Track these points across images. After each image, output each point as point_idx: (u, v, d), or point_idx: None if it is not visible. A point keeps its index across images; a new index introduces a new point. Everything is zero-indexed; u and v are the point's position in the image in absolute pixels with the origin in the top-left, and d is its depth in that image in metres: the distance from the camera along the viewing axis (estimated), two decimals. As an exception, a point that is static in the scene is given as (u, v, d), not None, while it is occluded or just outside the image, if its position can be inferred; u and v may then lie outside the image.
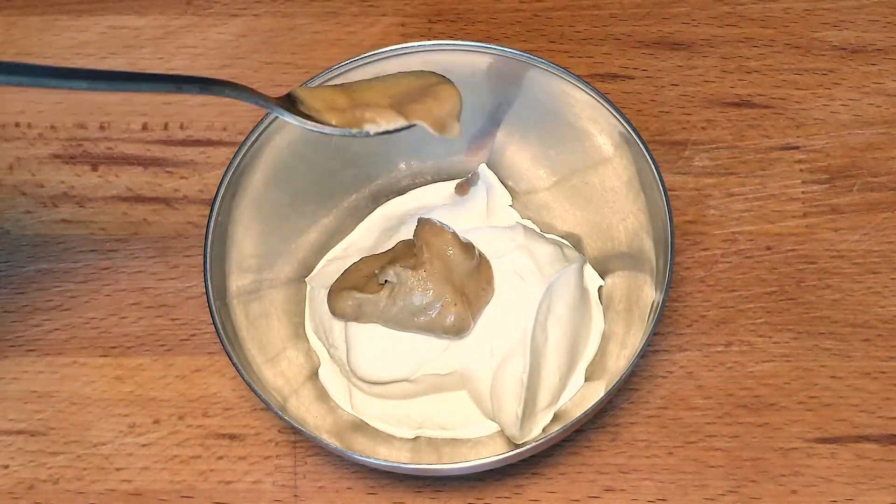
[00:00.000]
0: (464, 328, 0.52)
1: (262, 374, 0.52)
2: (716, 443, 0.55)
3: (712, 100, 0.62)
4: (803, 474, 0.55)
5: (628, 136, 0.52)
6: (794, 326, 0.57)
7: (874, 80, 0.62)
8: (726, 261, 0.58)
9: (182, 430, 0.56)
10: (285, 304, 0.56)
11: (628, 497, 0.55)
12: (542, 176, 0.57)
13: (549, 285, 0.52)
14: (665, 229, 0.51)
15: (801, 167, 0.60)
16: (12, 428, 0.57)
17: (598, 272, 0.56)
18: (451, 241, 0.52)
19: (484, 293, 0.53)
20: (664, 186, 0.51)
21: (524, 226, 0.56)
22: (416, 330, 0.52)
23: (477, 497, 0.55)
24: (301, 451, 0.56)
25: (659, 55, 0.63)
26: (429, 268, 0.52)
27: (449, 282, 0.52)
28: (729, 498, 0.54)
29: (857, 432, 0.55)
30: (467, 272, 0.52)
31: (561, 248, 0.55)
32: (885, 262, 0.58)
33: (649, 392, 0.56)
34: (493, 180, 0.57)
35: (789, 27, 0.63)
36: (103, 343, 0.58)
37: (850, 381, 0.56)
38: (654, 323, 0.50)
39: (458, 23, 0.64)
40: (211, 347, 0.57)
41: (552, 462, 0.55)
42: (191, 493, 0.55)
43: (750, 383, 0.56)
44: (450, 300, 0.51)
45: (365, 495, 0.55)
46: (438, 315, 0.52)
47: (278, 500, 0.55)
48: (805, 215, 0.59)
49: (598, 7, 0.64)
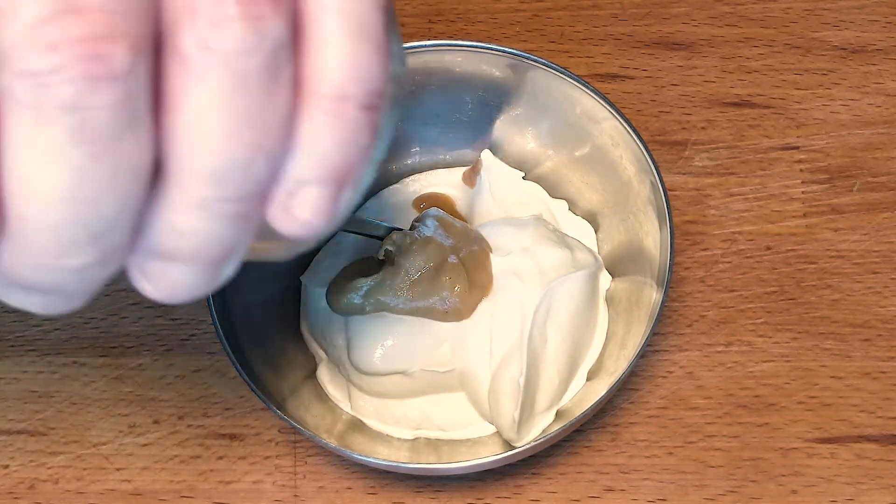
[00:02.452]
0: (463, 307, 0.52)
1: (262, 374, 0.52)
2: (716, 443, 0.55)
3: (712, 100, 0.62)
4: (803, 474, 0.55)
5: (628, 136, 0.52)
6: (794, 326, 0.57)
7: (874, 80, 0.62)
8: (726, 261, 0.58)
9: (182, 430, 0.56)
10: (284, 303, 0.56)
11: (628, 497, 0.55)
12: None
13: (549, 289, 0.52)
14: (665, 229, 0.51)
15: (801, 167, 0.60)
16: (12, 428, 0.57)
17: (599, 272, 0.56)
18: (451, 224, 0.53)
19: (482, 280, 0.52)
20: (664, 186, 0.51)
21: (541, 223, 0.55)
22: (418, 302, 0.52)
23: (477, 497, 0.55)
24: (301, 451, 0.56)
25: (659, 55, 0.63)
26: (430, 237, 0.52)
27: (451, 253, 0.52)
28: (729, 498, 0.54)
29: (857, 432, 0.55)
30: (469, 256, 0.52)
31: (573, 252, 0.54)
32: (885, 262, 0.58)
33: (649, 392, 0.56)
34: (498, 164, 0.57)
35: (789, 27, 0.63)
36: (103, 343, 0.58)
37: (850, 381, 0.56)
38: (654, 323, 0.50)
39: (458, 23, 0.64)
40: (211, 347, 0.57)
41: (552, 462, 0.55)
42: (191, 493, 0.55)
43: (750, 383, 0.56)
44: (452, 267, 0.51)
45: (365, 495, 0.55)
46: (441, 285, 0.51)
47: (278, 500, 0.55)
48: (805, 215, 0.59)
49: (598, 7, 0.64)
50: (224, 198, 0.27)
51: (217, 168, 0.26)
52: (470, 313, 0.52)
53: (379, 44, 0.28)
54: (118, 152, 0.25)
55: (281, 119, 0.27)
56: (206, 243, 0.28)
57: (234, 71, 0.25)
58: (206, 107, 0.26)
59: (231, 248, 0.28)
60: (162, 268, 0.28)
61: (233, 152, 0.26)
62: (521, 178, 0.57)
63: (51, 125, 0.24)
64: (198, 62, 0.25)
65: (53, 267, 0.26)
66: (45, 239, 0.26)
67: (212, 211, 0.27)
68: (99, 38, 0.24)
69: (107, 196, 0.25)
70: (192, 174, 0.26)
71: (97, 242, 0.26)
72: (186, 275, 0.28)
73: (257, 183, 0.27)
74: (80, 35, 0.24)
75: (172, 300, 0.29)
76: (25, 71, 0.24)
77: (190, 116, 0.26)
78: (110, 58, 0.24)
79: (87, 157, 0.25)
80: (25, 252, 0.26)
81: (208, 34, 0.25)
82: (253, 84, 0.26)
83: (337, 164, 0.28)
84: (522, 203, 0.57)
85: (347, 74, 0.27)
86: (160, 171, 0.27)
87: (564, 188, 0.57)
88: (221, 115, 0.26)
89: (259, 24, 0.25)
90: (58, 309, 0.28)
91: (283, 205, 0.28)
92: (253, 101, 0.26)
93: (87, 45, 0.24)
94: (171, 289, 0.29)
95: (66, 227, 0.25)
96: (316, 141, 0.27)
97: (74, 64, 0.24)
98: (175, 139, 0.26)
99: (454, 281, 0.52)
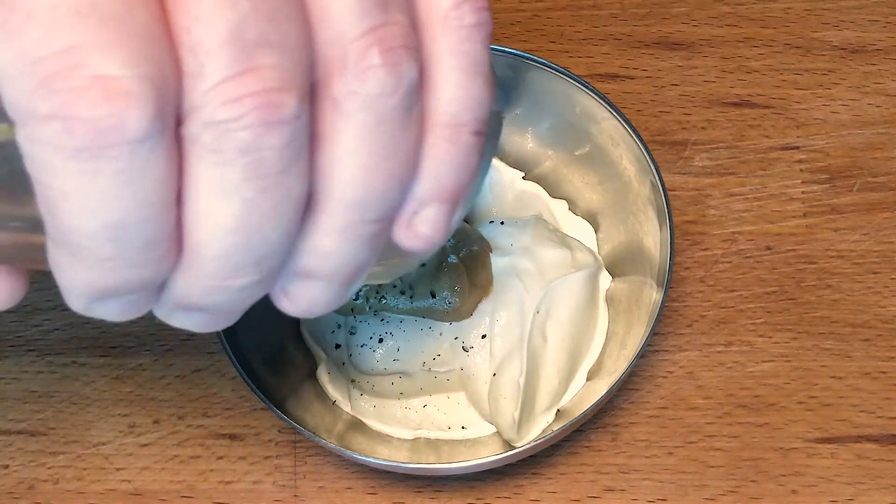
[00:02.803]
0: (463, 307, 0.52)
1: (262, 374, 0.52)
2: (716, 443, 0.55)
3: (712, 100, 0.62)
4: (803, 474, 0.55)
5: (628, 136, 0.52)
6: (794, 326, 0.57)
7: (874, 80, 0.62)
8: (726, 261, 0.58)
9: (182, 430, 0.56)
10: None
11: (628, 497, 0.55)
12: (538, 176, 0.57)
13: (549, 289, 0.52)
14: (665, 229, 0.51)
15: (801, 167, 0.60)
16: (12, 428, 0.57)
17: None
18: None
19: (482, 280, 0.52)
20: (664, 186, 0.51)
21: (541, 223, 0.55)
22: (418, 302, 0.52)
23: (477, 497, 0.55)
24: (301, 451, 0.56)
25: (659, 55, 0.63)
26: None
27: (451, 253, 0.52)
28: (729, 498, 0.54)
29: (858, 432, 0.55)
30: (469, 256, 0.52)
31: (573, 252, 0.54)
32: (885, 262, 0.58)
33: (649, 392, 0.56)
34: (498, 164, 0.57)
35: (789, 27, 0.63)
36: (103, 343, 0.58)
37: (850, 381, 0.56)
38: (654, 323, 0.50)
39: (458, 23, 0.64)
40: (211, 347, 0.57)
41: (552, 462, 0.55)
42: (191, 493, 0.55)
43: (750, 383, 0.56)
44: (452, 267, 0.51)
45: (365, 495, 0.55)
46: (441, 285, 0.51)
47: (278, 500, 0.55)
48: (805, 215, 0.59)
49: (598, 7, 0.64)
50: (364, 221, 0.30)
51: (360, 196, 0.30)
52: (470, 313, 0.52)
53: (487, 77, 0.33)
54: (282, 187, 0.29)
55: (411, 149, 0.30)
56: (345, 263, 0.31)
57: (375, 111, 0.29)
58: (352, 143, 0.29)
59: (362, 266, 0.32)
60: (304, 287, 0.32)
61: (374, 181, 0.30)
62: (521, 178, 0.57)
63: (229, 166, 0.28)
64: (346, 105, 0.29)
65: (221, 288, 0.30)
66: (218, 265, 0.29)
67: (354, 234, 0.31)
68: (272, 91, 0.27)
69: (271, 224, 0.29)
70: (339, 202, 0.30)
71: (259, 265, 0.30)
72: (322, 292, 0.32)
73: (392, 206, 0.31)
74: (257, 89, 0.27)
75: (308, 315, 0.33)
76: (211, 121, 0.27)
77: (339, 152, 0.29)
78: (281, 106, 0.28)
79: (256, 190, 0.28)
80: (198, 278, 0.30)
81: (356, 82, 0.29)
82: (390, 121, 0.29)
83: (453, 184, 0.31)
84: (522, 203, 0.57)
85: (463, 105, 0.31)
86: (310, 201, 0.30)
87: (564, 188, 0.57)
88: (365, 150, 0.29)
89: (397, 70, 0.29)
90: (216, 326, 0.32)
91: (407, 223, 0.32)
92: (390, 136, 0.30)
93: (263, 97, 0.27)
94: (308, 305, 0.32)
95: (236, 253, 0.29)
96: (436, 165, 0.31)
97: (252, 113, 0.27)
98: (326, 173, 0.30)
99: (454, 281, 0.52)
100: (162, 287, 0.30)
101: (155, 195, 0.27)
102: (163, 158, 0.27)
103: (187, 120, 0.28)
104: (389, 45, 0.29)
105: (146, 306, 0.31)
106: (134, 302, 0.30)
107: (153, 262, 0.29)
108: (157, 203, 0.28)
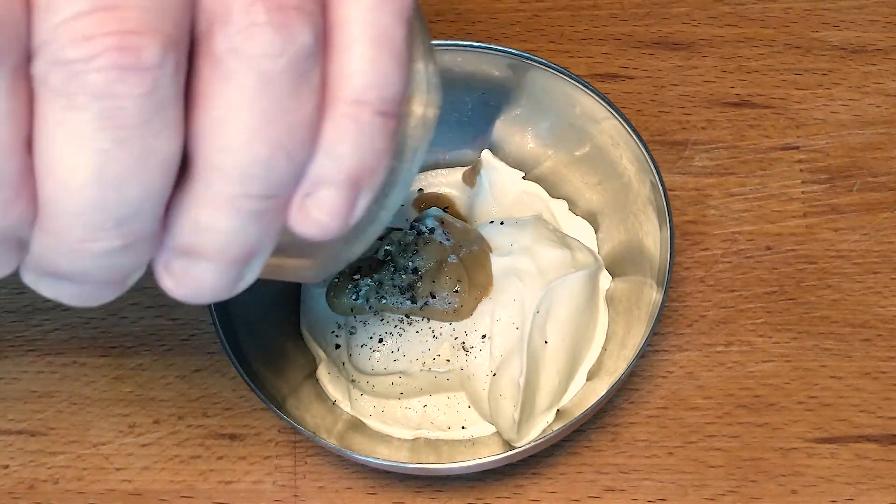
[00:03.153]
0: (463, 307, 0.52)
1: (262, 374, 0.52)
2: (716, 443, 0.55)
3: (712, 100, 0.62)
4: (803, 474, 0.55)
5: (628, 136, 0.52)
6: (794, 326, 0.57)
7: (874, 80, 0.62)
8: (726, 261, 0.58)
9: (182, 430, 0.56)
10: (284, 303, 0.56)
11: (628, 497, 0.55)
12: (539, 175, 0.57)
13: (549, 289, 0.52)
14: (665, 229, 0.51)
15: (801, 167, 0.60)
16: (12, 428, 0.57)
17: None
18: (451, 224, 0.53)
19: (482, 280, 0.52)
20: (664, 186, 0.51)
21: (541, 223, 0.55)
22: (418, 302, 0.52)
23: (477, 497, 0.55)
24: (301, 451, 0.56)
25: (659, 55, 0.63)
26: (430, 237, 0.52)
27: (451, 253, 0.52)
28: (729, 498, 0.54)
29: (857, 432, 0.55)
30: (469, 256, 0.52)
31: (573, 252, 0.54)
32: (885, 262, 0.58)
33: (649, 392, 0.56)
34: (498, 164, 0.57)
35: (789, 27, 0.63)
36: (103, 343, 0.58)
37: (850, 381, 0.56)
38: (654, 323, 0.50)
39: (458, 23, 0.64)
40: (211, 347, 0.57)
41: (552, 462, 0.55)
42: (191, 493, 0.55)
43: (750, 383, 0.56)
44: (452, 267, 0.51)
45: (365, 495, 0.55)
46: (441, 285, 0.51)
47: (278, 500, 0.55)
48: (805, 215, 0.59)
49: (598, 7, 0.64)
50: (246, 194, 0.28)
51: (239, 164, 0.28)
52: (470, 313, 0.52)
53: (398, 54, 0.29)
54: (144, 140, 0.26)
55: (304, 121, 0.28)
56: (229, 240, 0.29)
57: (258, 72, 0.27)
58: (232, 105, 0.27)
59: (253, 247, 0.29)
60: (186, 265, 0.30)
61: (255, 149, 0.28)
62: (521, 178, 0.57)
63: (80, 111, 0.26)
64: (226, 63, 0.27)
65: (80, 252, 0.28)
66: (72, 222, 0.27)
67: (235, 207, 0.28)
68: (130, 33, 0.26)
69: (131, 180, 0.27)
70: (216, 170, 0.28)
71: (121, 227, 0.27)
72: (209, 273, 0.30)
73: (279, 182, 0.28)
74: (112, 29, 0.25)
75: (195, 300, 0.30)
76: (59, 60, 0.25)
77: (216, 114, 0.27)
78: (140, 51, 0.26)
79: (113, 141, 0.26)
80: (54, 237, 0.28)
81: (238, 38, 0.27)
82: (277, 86, 0.27)
83: (352, 166, 0.29)
84: (522, 203, 0.57)
85: (365, 80, 0.29)
86: (188, 168, 0.28)
87: (564, 188, 0.57)
88: (245, 114, 0.27)
89: (285, 31, 0.27)
90: (89, 301, 0.30)
91: (299, 205, 0.29)
92: (276, 102, 0.27)
93: (119, 38, 0.25)
94: (194, 287, 0.30)
95: (92, 210, 0.27)
96: (334, 143, 0.29)
97: (105, 55, 0.25)
98: (201, 136, 0.28)
99: (454, 281, 0.52)
100: (25, 248, 0.28)
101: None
102: (5, 96, 0.26)
103: (35, 57, 0.26)
104: (279, 4, 0.27)
105: (7, 265, 0.29)
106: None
107: (0, 208, 0.27)
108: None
